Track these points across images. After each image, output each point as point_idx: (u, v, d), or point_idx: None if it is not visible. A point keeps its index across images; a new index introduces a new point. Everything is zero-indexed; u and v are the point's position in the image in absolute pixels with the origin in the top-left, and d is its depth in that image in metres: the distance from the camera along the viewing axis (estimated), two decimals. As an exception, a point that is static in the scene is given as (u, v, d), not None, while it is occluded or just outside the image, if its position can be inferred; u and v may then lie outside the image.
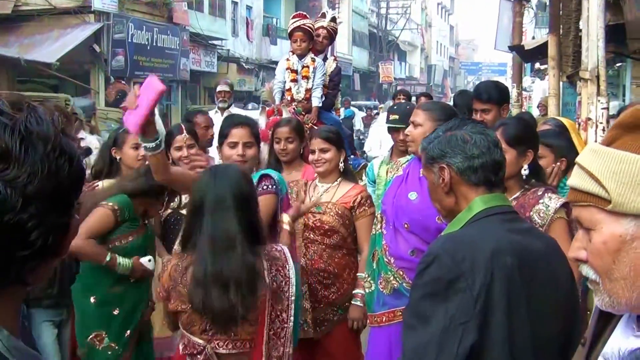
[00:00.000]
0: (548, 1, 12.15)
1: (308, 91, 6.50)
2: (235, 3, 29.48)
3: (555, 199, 3.20)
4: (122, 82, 19.85)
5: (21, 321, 1.18)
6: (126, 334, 3.93)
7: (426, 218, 3.43)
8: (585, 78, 5.76)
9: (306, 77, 6.50)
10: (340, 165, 4.23)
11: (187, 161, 4.41)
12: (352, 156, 4.74)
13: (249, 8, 31.03)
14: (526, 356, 2.06)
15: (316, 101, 6.48)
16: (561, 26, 8.98)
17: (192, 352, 2.90)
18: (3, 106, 1.07)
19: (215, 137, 5.53)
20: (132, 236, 3.94)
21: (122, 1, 20.42)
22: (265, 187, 3.64)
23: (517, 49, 13.34)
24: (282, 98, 6.60)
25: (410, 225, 3.55)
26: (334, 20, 6.97)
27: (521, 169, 3.28)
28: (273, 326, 2.90)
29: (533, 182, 3.34)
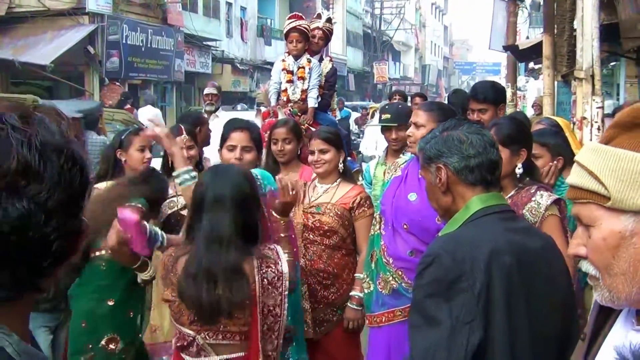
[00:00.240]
0: (542, 1, 12.18)
1: (304, 92, 6.51)
2: (229, 4, 29.45)
3: (546, 196, 3.22)
4: (117, 84, 19.80)
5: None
6: (138, 337, 3.93)
7: (425, 219, 3.45)
8: (580, 77, 5.79)
9: (302, 78, 6.51)
10: (339, 166, 4.24)
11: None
12: (349, 158, 4.74)
13: (243, 9, 31.00)
14: (526, 352, 2.08)
15: (312, 102, 6.49)
16: (555, 26, 9.02)
17: (183, 344, 2.95)
18: (14, 120, 1.07)
19: (211, 138, 5.55)
20: None
21: (117, 2, 20.37)
22: None
23: (512, 49, 13.38)
24: (278, 99, 6.60)
25: (409, 226, 3.56)
26: (330, 21, 6.98)
27: (515, 168, 3.30)
28: (266, 321, 2.93)
29: (527, 181, 3.36)
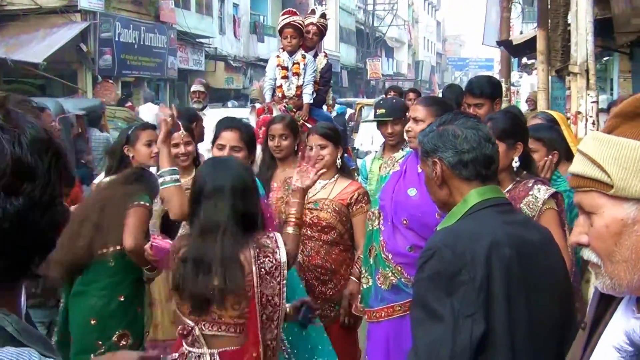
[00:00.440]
0: (535, -4, 12.20)
1: (299, 88, 6.50)
2: (222, 1, 29.36)
3: (544, 190, 3.23)
4: (110, 82, 19.76)
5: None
6: (145, 332, 3.97)
7: (425, 214, 3.44)
8: (574, 72, 5.81)
9: (297, 74, 6.50)
10: (337, 161, 4.25)
11: (184, 158, 4.44)
12: (346, 155, 4.74)
13: (236, 6, 30.92)
14: (526, 343, 2.10)
15: (307, 98, 6.48)
16: (549, 21, 9.04)
17: (183, 333, 2.99)
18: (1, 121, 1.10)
19: (205, 134, 5.55)
20: None
21: (109, 0, 20.32)
22: None
23: (505, 44, 13.41)
24: (273, 95, 6.59)
25: (409, 221, 3.56)
26: (324, 16, 6.96)
27: (512, 162, 3.31)
28: (265, 311, 2.93)
29: (524, 175, 3.37)
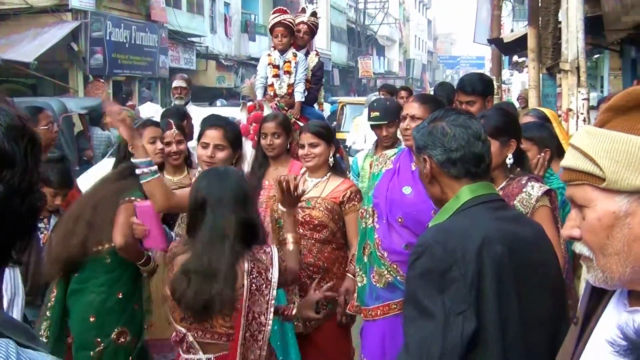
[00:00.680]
0: (526, -6, 12.23)
1: (290, 86, 6.48)
2: (213, 0, 29.35)
3: (537, 187, 3.23)
4: (101, 81, 19.69)
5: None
6: (144, 329, 3.97)
7: (421, 212, 3.44)
8: (565, 69, 5.83)
9: (288, 72, 6.49)
10: (329, 160, 4.24)
11: (176, 157, 4.44)
12: (337, 154, 4.75)
13: (227, 5, 30.87)
14: (518, 340, 2.10)
15: (299, 96, 6.47)
16: (540, 18, 9.07)
17: (176, 340, 3.00)
18: None
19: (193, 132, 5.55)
20: None
21: (99, -1, 20.27)
22: None
23: (496, 42, 13.44)
24: (265, 94, 6.58)
25: (404, 219, 3.56)
26: (315, 14, 6.95)
27: (506, 159, 3.31)
28: (250, 328, 2.92)
29: (518, 172, 3.37)
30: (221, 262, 2.85)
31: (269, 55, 6.61)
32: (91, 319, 3.81)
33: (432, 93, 7.28)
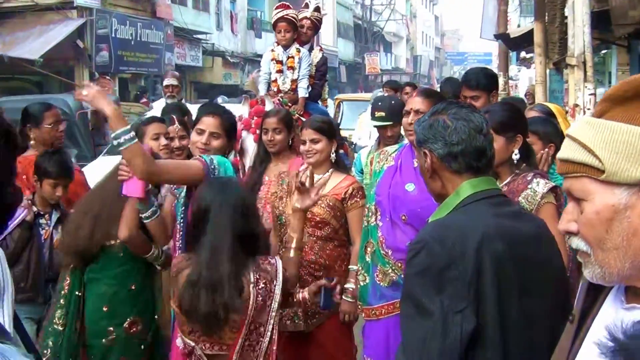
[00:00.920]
0: (533, -11, 12.17)
1: (294, 82, 6.45)
2: (219, -3, 29.37)
3: (542, 184, 3.18)
4: (107, 78, 19.72)
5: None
6: (155, 320, 4.00)
7: (424, 209, 3.38)
8: (571, 64, 5.78)
9: (292, 68, 6.44)
10: (331, 156, 4.18)
11: (179, 152, 4.40)
12: (341, 151, 4.70)
13: (233, 1, 30.89)
14: (518, 339, 2.06)
15: (302, 92, 6.43)
16: (546, 13, 9.00)
17: (184, 352, 3.00)
18: None
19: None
20: None
21: (105, -4, 20.31)
22: None
23: (503, 37, 13.38)
24: (268, 89, 6.54)
25: (408, 216, 3.52)
26: (318, 10, 6.90)
27: (511, 155, 3.25)
28: (249, 337, 2.93)
29: (523, 167, 3.32)
30: (225, 272, 2.84)
31: (272, 50, 6.58)
32: (104, 309, 3.89)
33: (439, 88, 7.24)
